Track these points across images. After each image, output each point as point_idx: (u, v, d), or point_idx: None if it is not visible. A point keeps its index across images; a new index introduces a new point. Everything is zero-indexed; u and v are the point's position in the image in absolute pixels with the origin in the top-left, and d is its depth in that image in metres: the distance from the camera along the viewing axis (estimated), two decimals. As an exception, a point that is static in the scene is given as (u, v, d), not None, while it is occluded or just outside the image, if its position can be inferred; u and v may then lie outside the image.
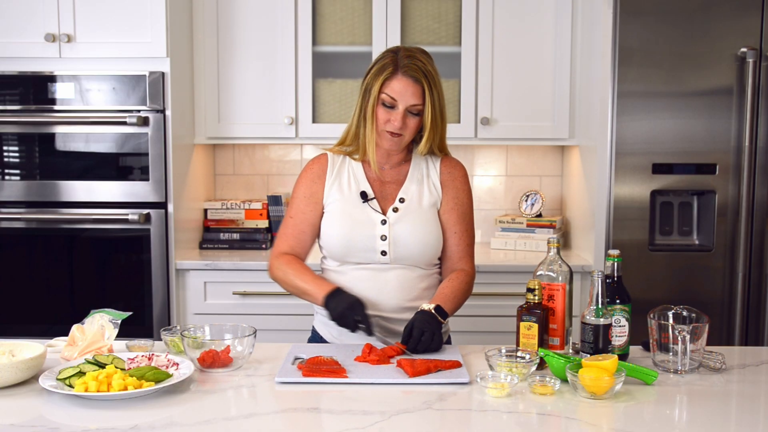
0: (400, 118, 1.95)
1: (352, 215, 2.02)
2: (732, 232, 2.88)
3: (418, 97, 1.95)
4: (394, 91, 1.94)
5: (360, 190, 2.05)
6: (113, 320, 1.88)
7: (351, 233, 2.01)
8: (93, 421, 1.45)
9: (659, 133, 2.87)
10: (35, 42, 2.98)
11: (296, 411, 1.52)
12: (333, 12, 3.28)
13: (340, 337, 2.06)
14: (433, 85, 1.96)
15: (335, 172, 2.08)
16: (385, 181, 2.08)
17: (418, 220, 2.02)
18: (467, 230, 2.10)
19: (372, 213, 2.02)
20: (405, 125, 1.97)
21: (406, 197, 2.05)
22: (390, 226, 2.01)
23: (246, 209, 3.45)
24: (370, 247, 2.00)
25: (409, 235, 2.01)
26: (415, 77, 1.94)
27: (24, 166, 3.06)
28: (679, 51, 2.84)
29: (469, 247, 2.10)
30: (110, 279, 3.08)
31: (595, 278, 1.74)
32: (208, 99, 3.30)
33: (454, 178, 2.10)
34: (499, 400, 1.56)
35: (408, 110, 1.96)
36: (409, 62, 1.95)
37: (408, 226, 2.01)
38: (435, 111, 1.97)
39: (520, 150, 3.65)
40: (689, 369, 1.74)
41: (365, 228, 2.01)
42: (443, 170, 2.09)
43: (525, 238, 3.40)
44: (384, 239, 2.00)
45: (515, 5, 3.26)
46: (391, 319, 2.02)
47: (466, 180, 2.13)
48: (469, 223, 2.11)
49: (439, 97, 1.98)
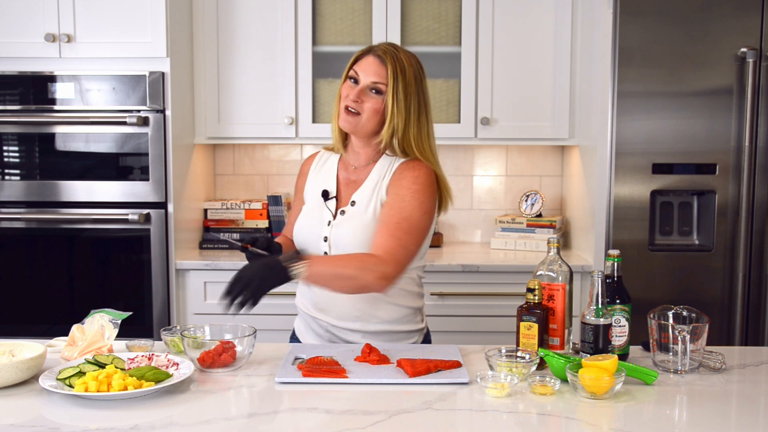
0: (357, 93, 1.93)
1: (311, 214, 2.04)
2: (732, 232, 2.88)
3: (381, 77, 1.92)
4: (360, 67, 1.95)
5: (324, 189, 2.05)
6: (113, 320, 1.88)
7: (303, 232, 2.02)
8: (93, 421, 1.45)
9: (659, 133, 2.87)
10: (35, 42, 2.98)
11: (296, 411, 1.52)
12: (333, 12, 3.28)
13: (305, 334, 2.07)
14: (400, 72, 1.92)
15: (317, 169, 2.11)
16: (351, 180, 2.05)
17: (359, 225, 1.94)
18: (395, 223, 1.88)
19: (325, 213, 2.02)
20: (361, 101, 1.93)
21: (357, 200, 1.99)
22: (332, 227, 1.98)
23: (246, 209, 3.45)
24: (316, 247, 1.99)
25: (347, 239, 1.94)
26: (382, 58, 1.93)
27: (24, 166, 3.06)
28: (679, 51, 2.84)
29: (389, 238, 1.86)
30: (110, 279, 3.08)
31: (595, 278, 1.74)
32: (208, 99, 3.30)
33: (402, 177, 1.95)
34: (499, 400, 1.56)
35: (369, 87, 1.94)
36: (384, 46, 1.96)
37: (348, 230, 1.95)
38: (397, 97, 1.91)
39: (520, 150, 3.65)
40: (689, 369, 1.74)
41: (315, 228, 2.01)
42: (396, 172, 1.97)
43: (525, 238, 3.40)
44: (326, 240, 1.98)
45: (515, 5, 3.26)
46: (338, 327, 2.00)
47: (417, 180, 1.93)
48: (399, 218, 1.89)
49: (405, 87, 1.92)
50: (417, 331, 2.06)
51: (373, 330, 1.98)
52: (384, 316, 1.98)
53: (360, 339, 1.98)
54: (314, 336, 2.06)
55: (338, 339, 2.01)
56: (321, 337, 2.04)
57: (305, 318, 2.07)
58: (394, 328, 2.00)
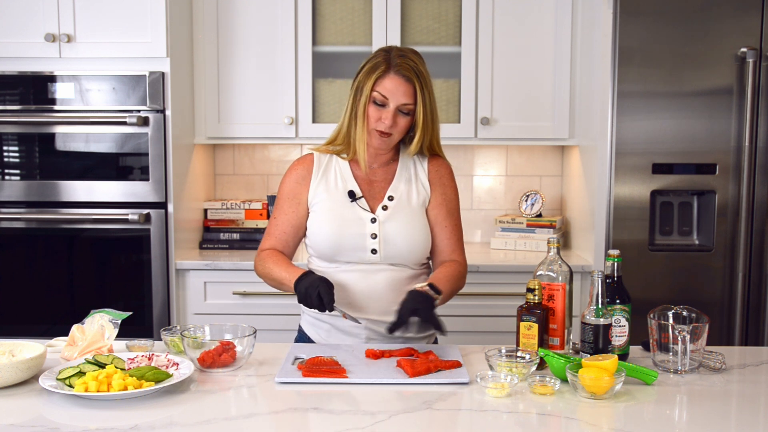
0: (391, 117, 1.95)
1: (341, 214, 2.02)
2: (732, 232, 2.88)
3: (410, 97, 1.95)
4: (386, 89, 1.94)
5: (348, 190, 2.04)
6: (113, 320, 1.88)
7: (340, 232, 2.00)
8: (93, 421, 1.45)
9: (659, 133, 2.87)
10: (35, 42, 2.98)
11: (296, 411, 1.52)
12: (333, 12, 3.28)
13: (328, 338, 2.06)
14: (425, 85, 1.96)
15: (321, 173, 2.07)
16: (372, 180, 2.07)
17: (408, 218, 2.03)
18: (456, 225, 2.11)
19: (361, 212, 2.02)
20: (395, 124, 1.97)
21: (395, 195, 2.05)
22: (380, 223, 2.00)
23: (246, 209, 3.45)
24: (360, 246, 1.99)
25: (399, 232, 2.00)
26: (407, 76, 1.94)
27: (24, 166, 3.06)
28: (679, 51, 2.84)
29: (459, 240, 2.11)
30: (110, 279, 3.08)
31: (595, 278, 1.74)
32: (208, 99, 3.30)
33: (441, 176, 2.11)
34: (499, 400, 1.56)
35: (399, 109, 1.96)
36: (402, 61, 1.95)
37: (398, 223, 2.01)
38: (426, 111, 1.98)
39: (520, 150, 3.65)
40: (689, 369, 1.74)
41: (355, 226, 2.00)
42: (431, 169, 2.10)
43: (525, 238, 3.40)
44: (374, 237, 1.99)
45: (515, 5, 3.26)
46: (380, 322, 2.00)
47: (453, 177, 2.15)
48: (457, 218, 2.12)
49: (430, 98, 1.98)
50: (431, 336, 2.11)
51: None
52: None
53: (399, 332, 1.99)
54: (343, 336, 2.03)
55: (377, 335, 2.01)
56: (356, 336, 2.02)
57: (330, 320, 2.05)
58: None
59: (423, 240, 2.04)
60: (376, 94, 1.95)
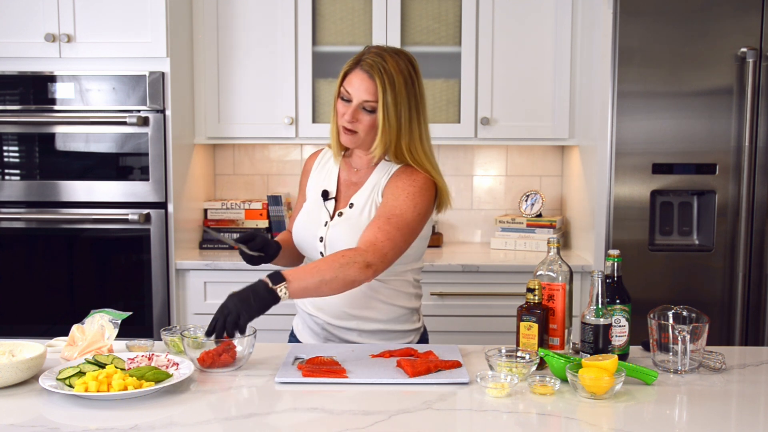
0: (351, 113, 1.91)
1: (310, 213, 2.05)
2: (732, 232, 2.88)
3: (371, 94, 1.89)
4: (351, 84, 1.92)
5: (323, 189, 2.05)
6: (113, 320, 1.88)
7: (301, 231, 2.03)
8: (93, 421, 1.45)
9: (659, 133, 2.87)
10: (35, 42, 2.98)
11: (296, 411, 1.52)
12: (333, 12, 3.28)
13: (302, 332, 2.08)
14: (389, 85, 1.88)
15: (318, 169, 2.11)
16: (351, 182, 2.05)
17: (354, 228, 1.94)
18: (385, 218, 1.87)
19: (323, 213, 2.02)
20: (357, 120, 1.92)
21: (355, 203, 2.00)
22: (329, 228, 1.99)
23: (246, 209, 3.45)
24: (312, 246, 2.01)
25: (341, 241, 1.94)
26: (369, 73, 1.89)
27: (24, 166, 3.06)
28: (679, 51, 2.84)
29: (376, 230, 1.86)
30: (110, 279, 3.08)
31: (595, 278, 1.74)
32: (208, 99, 3.30)
33: (398, 181, 1.95)
34: (499, 400, 1.56)
35: (362, 106, 1.92)
36: (371, 58, 1.90)
37: (343, 231, 1.95)
38: (388, 111, 1.89)
39: (520, 150, 3.65)
40: (689, 369, 1.74)
41: (312, 227, 2.02)
42: (392, 176, 1.97)
43: (525, 238, 3.40)
44: (321, 241, 1.99)
45: (515, 5, 3.26)
46: (334, 326, 2.00)
47: (413, 184, 1.93)
48: (390, 215, 1.88)
49: (395, 99, 1.89)
50: (413, 331, 2.06)
51: (369, 329, 1.98)
52: (379, 315, 1.99)
53: (356, 338, 1.98)
54: (311, 334, 2.06)
55: (335, 337, 2.01)
56: (318, 335, 2.04)
57: (303, 316, 2.08)
58: (390, 328, 2.00)
59: None
60: (342, 90, 1.94)
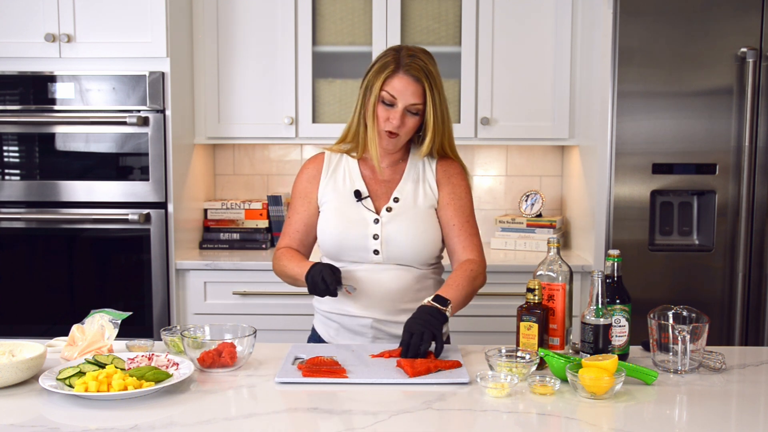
0: (398, 117, 1.95)
1: (345, 214, 2.03)
2: (732, 232, 2.88)
3: (418, 97, 1.95)
4: (395, 89, 1.94)
5: (354, 189, 2.05)
6: (113, 320, 1.88)
7: (344, 232, 2.01)
8: (93, 421, 1.45)
9: (659, 133, 2.87)
10: (35, 42, 2.98)
11: (296, 411, 1.52)
12: (333, 12, 3.28)
13: (336, 338, 2.07)
14: (434, 86, 1.96)
15: (330, 172, 2.09)
16: (380, 180, 2.07)
17: (412, 219, 2.01)
18: (467, 222, 2.06)
19: (365, 212, 2.02)
20: (403, 124, 1.97)
21: (400, 197, 2.04)
22: (382, 225, 2.00)
23: (246, 209, 3.45)
24: (363, 246, 2.00)
25: (401, 234, 1.99)
26: (416, 76, 1.94)
27: (24, 166, 3.06)
28: (679, 51, 2.84)
29: (471, 237, 2.05)
30: (110, 279, 3.08)
31: (595, 278, 1.74)
32: (208, 99, 3.30)
33: (450, 176, 2.08)
34: (499, 400, 1.56)
35: (407, 109, 1.96)
36: (411, 61, 1.95)
37: (401, 225, 2.00)
38: (436, 112, 1.97)
39: (520, 150, 3.65)
40: (689, 369, 1.74)
41: (358, 227, 2.01)
42: (439, 169, 2.08)
43: (525, 238, 3.40)
44: (376, 238, 2.00)
45: (515, 5, 3.26)
46: (385, 322, 2.01)
47: (463, 177, 2.11)
48: (468, 216, 2.07)
49: (440, 98, 1.97)
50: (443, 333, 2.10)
51: None
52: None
53: None
54: (351, 336, 2.04)
55: (385, 334, 2.02)
56: (364, 336, 2.03)
57: (341, 321, 2.05)
58: None
59: (427, 242, 2.02)
60: (385, 94, 1.95)
